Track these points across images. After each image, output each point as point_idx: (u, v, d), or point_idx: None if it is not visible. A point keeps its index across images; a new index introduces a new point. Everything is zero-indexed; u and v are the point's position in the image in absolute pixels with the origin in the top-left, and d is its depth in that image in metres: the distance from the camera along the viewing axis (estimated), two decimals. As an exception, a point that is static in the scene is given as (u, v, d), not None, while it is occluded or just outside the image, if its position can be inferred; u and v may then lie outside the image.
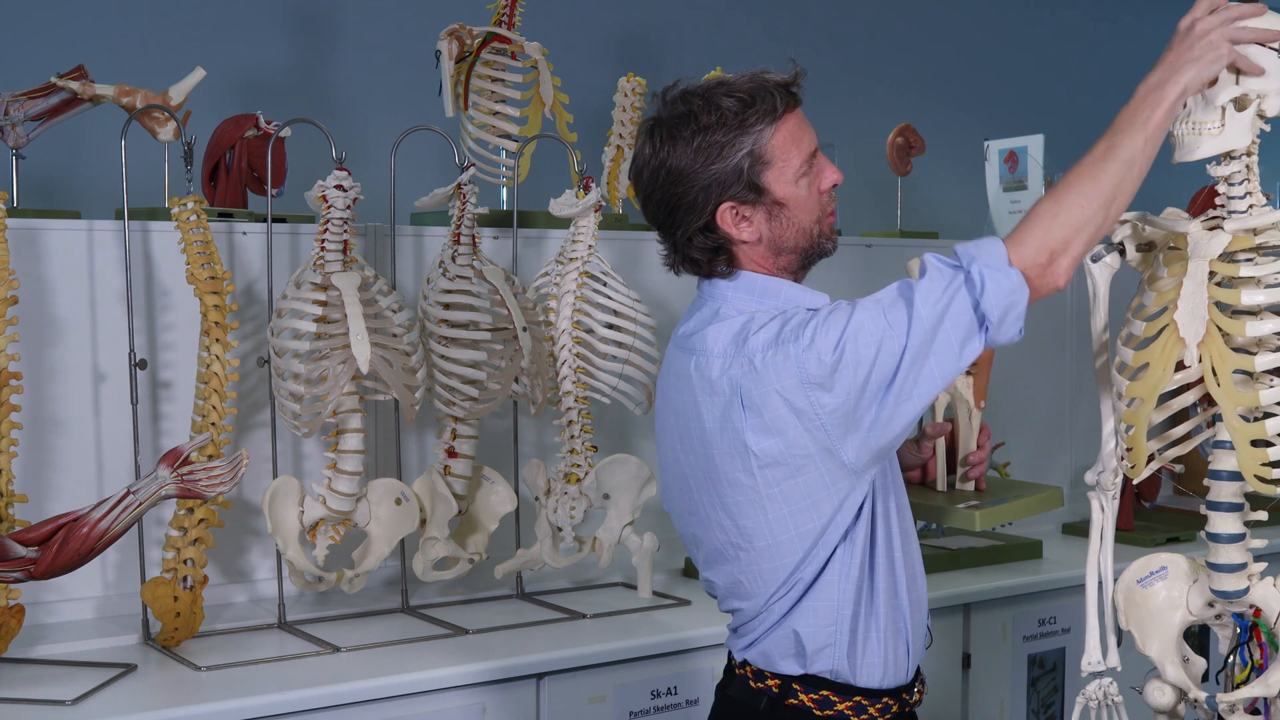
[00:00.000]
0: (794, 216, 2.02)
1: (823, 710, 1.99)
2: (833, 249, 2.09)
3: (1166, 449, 2.08)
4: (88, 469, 2.90)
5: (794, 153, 2.00)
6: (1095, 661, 2.18)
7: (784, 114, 1.99)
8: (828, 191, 2.05)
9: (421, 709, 2.60)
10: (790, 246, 2.04)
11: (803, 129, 2.03)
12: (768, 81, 1.99)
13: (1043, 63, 5.27)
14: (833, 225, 2.08)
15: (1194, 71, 1.87)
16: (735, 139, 1.96)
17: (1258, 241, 1.95)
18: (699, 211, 2.00)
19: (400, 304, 2.87)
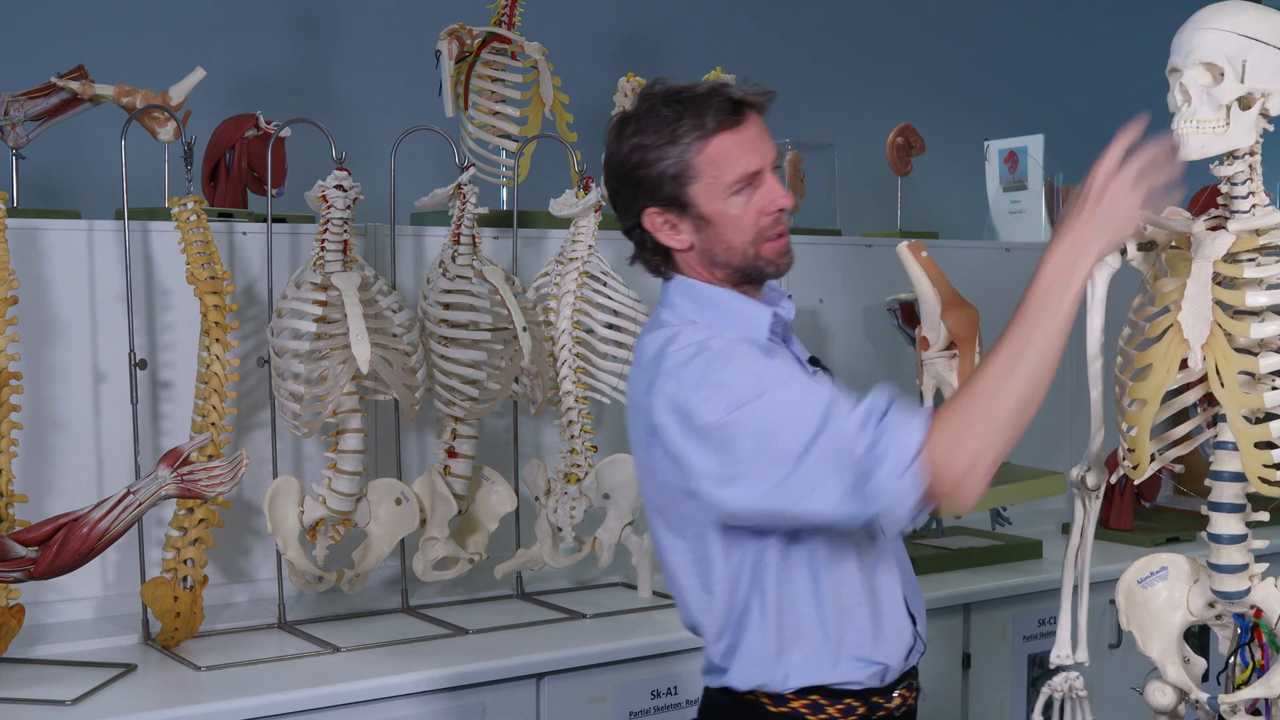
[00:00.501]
0: (722, 234, 1.95)
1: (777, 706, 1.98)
2: (776, 271, 1.99)
3: (1167, 449, 2.08)
4: (88, 469, 2.90)
5: (726, 170, 1.92)
6: (1064, 655, 2.20)
7: (718, 130, 1.92)
8: (772, 214, 1.95)
9: (421, 709, 2.60)
10: (722, 261, 1.98)
11: (744, 147, 1.93)
12: (717, 95, 1.93)
13: (1043, 63, 5.27)
14: (779, 249, 1.97)
15: (1104, 244, 1.76)
16: (663, 148, 1.93)
17: (1261, 242, 1.95)
18: (628, 211, 2.00)
19: (400, 304, 2.86)
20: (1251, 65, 1.90)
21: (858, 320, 3.88)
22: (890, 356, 3.87)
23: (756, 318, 1.99)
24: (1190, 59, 1.92)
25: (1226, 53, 1.90)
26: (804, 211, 3.99)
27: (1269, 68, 1.90)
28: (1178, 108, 1.94)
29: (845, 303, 3.85)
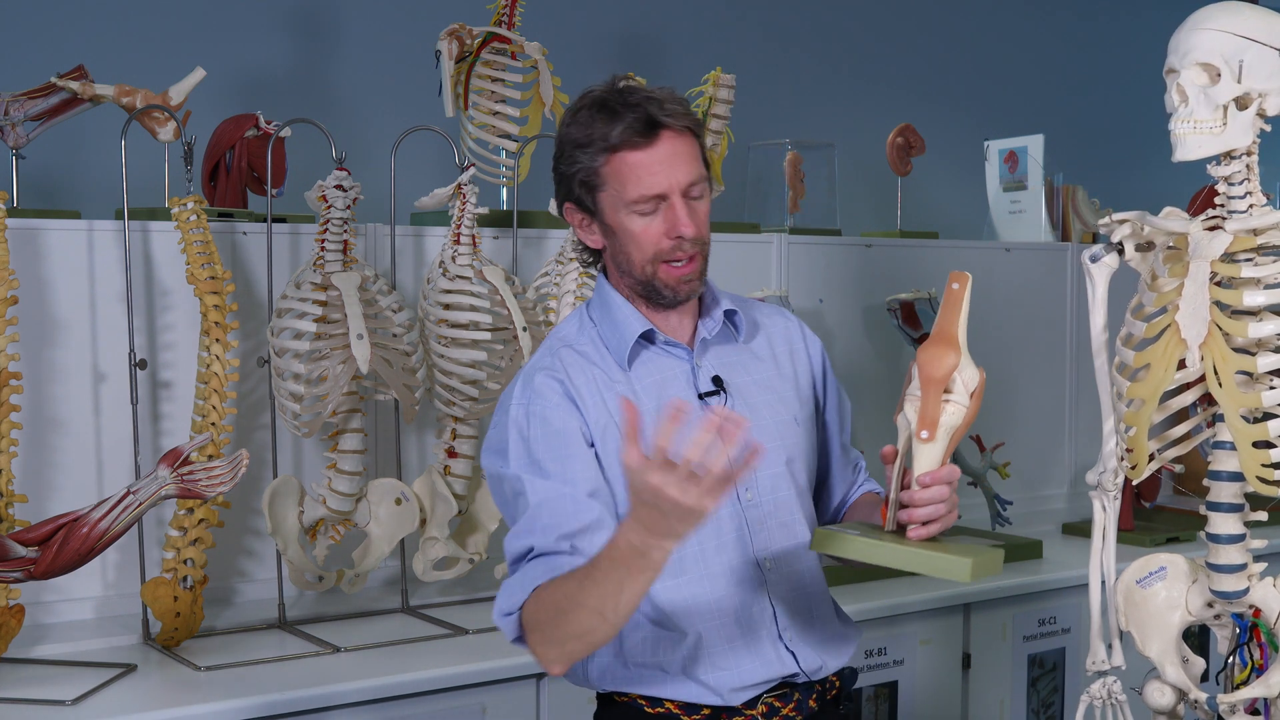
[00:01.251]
0: (623, 245, 1.97)
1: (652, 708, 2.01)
2: (673, 297, 1.97)
3: (1166, 449, 2.08)
4: (88, 469, 2.90)
5: (628, 187, 1.92)
6: (1100, 660, 2.18)
7: (622, 147, 1.91)
8: (672, 239, 1.94)
9: (421, 709, 2.60)
10: (625, 270, 1.99)
11: (649, 169, 1.92)
12: (638, 110, 1.92)
13: (1043, 63, 5.27)
14: (679, 275, 1.95)
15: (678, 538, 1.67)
16: (577, 150, 1.96)
17: (1259, 242, 1.95)
18: (556, 200, 2.03)
19: (400, 304, 2.87)
20: (1248, 65, 1.90)
21: (858, 320, 3.88)
22: (890, 356, 3.88)
23: (624, 335, 1.99)
24: (1187, 59, 1.92)
25: (1223, 53, 1.90)
26: (804, 211, 3.99)
27: (1266, 68, 1.90)
28: (1175, 108, 1.94)
29: (845, 303, 3.85)
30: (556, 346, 2.02)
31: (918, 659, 3.24)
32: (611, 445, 1.95)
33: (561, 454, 1.92)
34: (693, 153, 1.95)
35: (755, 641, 1.99)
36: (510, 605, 1.87)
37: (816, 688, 2.05)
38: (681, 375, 2.01)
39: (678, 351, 2.03)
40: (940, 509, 1.86)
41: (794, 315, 2.20)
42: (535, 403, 1.95)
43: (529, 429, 1.94)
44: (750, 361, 2.07)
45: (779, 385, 2.08)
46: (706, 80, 3.56)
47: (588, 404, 1.95)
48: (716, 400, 2.00)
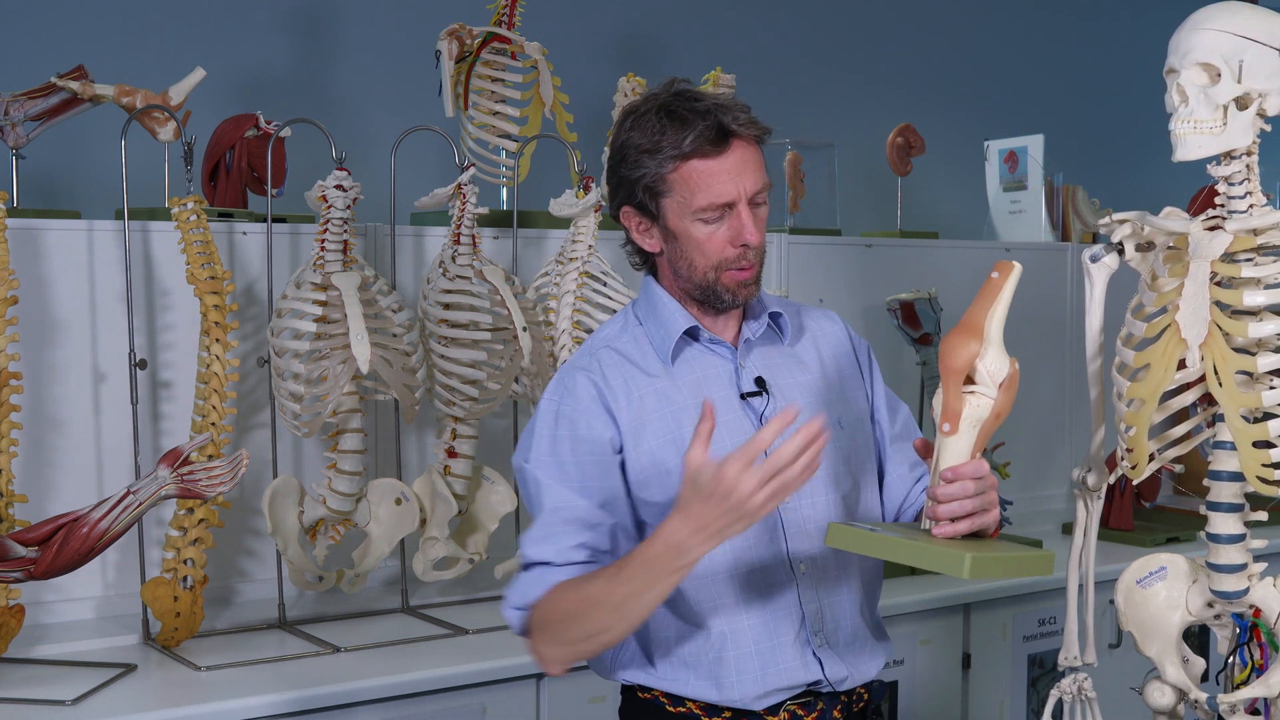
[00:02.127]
0: (686, 251, 1.97)
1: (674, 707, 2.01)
2: (734, 300, 1.99)
3: (1166, 449, 2.08)
4: (88, 469, 2.90)
5: (695, 195, 1.93)
6: (1073, 656, 2.19)
7: (694, 155, 1.92)
8: (737, 248, 1.95)
9: (421, 709, 2.60)
10: (684, 276, 2.00)
11: (719, 177, 1.92)
12: (709, 118, 1.92)
13: (1043, 63, 5.27)
14: (741, 280, 1.97)
15: (721, 540, 1.73)
16: (643, 156, 1.95)
17: (1259, 242, 1.95)
18: (612, 202, 2.04)
19: (400, 304, 2.87)
20: (1248, 65, 1.89)
21: (858, 320, 3.88)
22: (890, 356, 3.88)
23: (669, 330, 2.01)
24: (1187, 59, 1.92)
25: (1223, 53, 1.90)
26: (804, 211, 3.99)
27: (1266, 68, 1.90)
28: (1175, 108, 1.94)
29: (845, 303, 3.85)
30: (597, 347, 2.03)
31: (918, 659, 3.25)
32: (645, 445, 1.95)
33: (583, 459, 1.94)
34: (760, 161, 1.96)
35: (780, 645, 1.98)
36: (522, 601, 1.90)
37: (842, 698, 2.03)
38: (724, 374, 2.01)
39: (721, 350, 2.02)
40: (967, 505, 1.81)
41: (840, 319, 2.19)
42: (566, 402, 1.96)
43: (556, 429, 1.96)
44: (794, 364, 2.07)
45: (822, 389, 2.07)
46: (706, 80, 3.57)
47: (620, 405, 1.96)
48: (759, 401, 2.00)
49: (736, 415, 1.98)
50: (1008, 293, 1.82)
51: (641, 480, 1.95)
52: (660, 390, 1.97)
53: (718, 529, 1.70)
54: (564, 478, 1.93)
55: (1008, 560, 1.80)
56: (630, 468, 1.95)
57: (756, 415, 1.99)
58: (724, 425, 1.95)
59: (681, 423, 1.96)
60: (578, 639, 1.85)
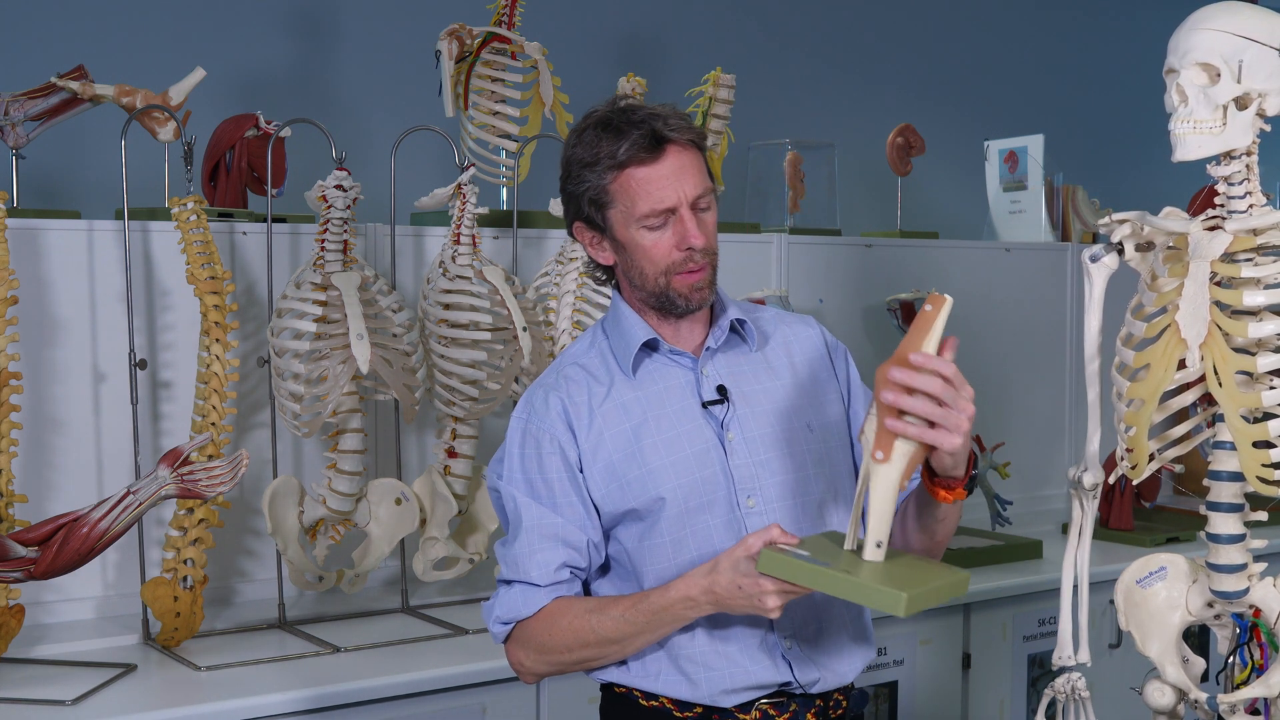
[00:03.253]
0: (635, 260, 1.99)
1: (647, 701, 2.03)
2: (687, 305, 2.00)
3: (1166, 449, 2.08)
4: (88, 469, 2.90)
5: (638, 203, 1.95)
6: (1066, 656, 2.19)
7: (630, 164, 1.94)
8: (683, 251, 1.96)
9: (421, 709, 2.60)
10: (637, 285, 2.02)
11: (657, 184, 1.94)
12: (643, 127, 1.94)
13: (1043, 63, 5.27)
14: (693, 283, 1.98)
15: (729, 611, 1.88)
16: (584, 170, 1.98)
17: (1259, 242, 1.95)
18: (565, 219, 2.06)
19: (400, 304, 2.87)
20: (1248, 65, 1.89)
21: (858, 320, 3.88)
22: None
23: (629, 343, 2.02)
24: (1187, 59, 1.92)
25: (1223, 53, 1.90)
26: (804, 211, 3.99)
27: (1265, 68, 1.90)
28: (1175, 108, 1.94)
29: (845, 303, 3.85)
30: (564, 364, 2.06)
31: (918, 659, 3.25)
32: (602, 457, 1.98)
33: (551, 477, 1.98)
34: (698, 165, 1.98)
35: (748, 646, 1.99)
36: (510, 616, 1.98)
37: (817, 702, 2.03)
38: (685, 384, 2.03)
39: (682, 360, 2.04)
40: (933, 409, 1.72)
41: (817, 323, 2.19)
42: (533, 421, 2.01)
43: (524, 447, 2.01)
44: (761, 370, 2.07)
45: (792, 393, 2.07)
46: (706, 80, 3.57)
47: (583, 422, 1.99)
48: (719, 409, 2.01)
49: (697, 424, 2.00)
50: (940, 325, 1.80)
51: (601, 494, 1.99)
52: (622, 404, 2.00)
53: (727, 606, 1.85)
54: (536, 495, 1.99)
55: (939, 590, 1.79)
56: (590, 481, 1.99)
57: (718, 423, 2.00)
58: (682, 434, 1.99)
59: (641, 435, 1.98)
60: (569, 662, 1.97)
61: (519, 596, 1.97)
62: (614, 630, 1.92)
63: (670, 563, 1.97)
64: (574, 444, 1.99)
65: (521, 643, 1.98)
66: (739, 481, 1.99)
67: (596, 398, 2.00)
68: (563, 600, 1.97)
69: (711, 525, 1.98)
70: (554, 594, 1.97)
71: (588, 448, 1.99)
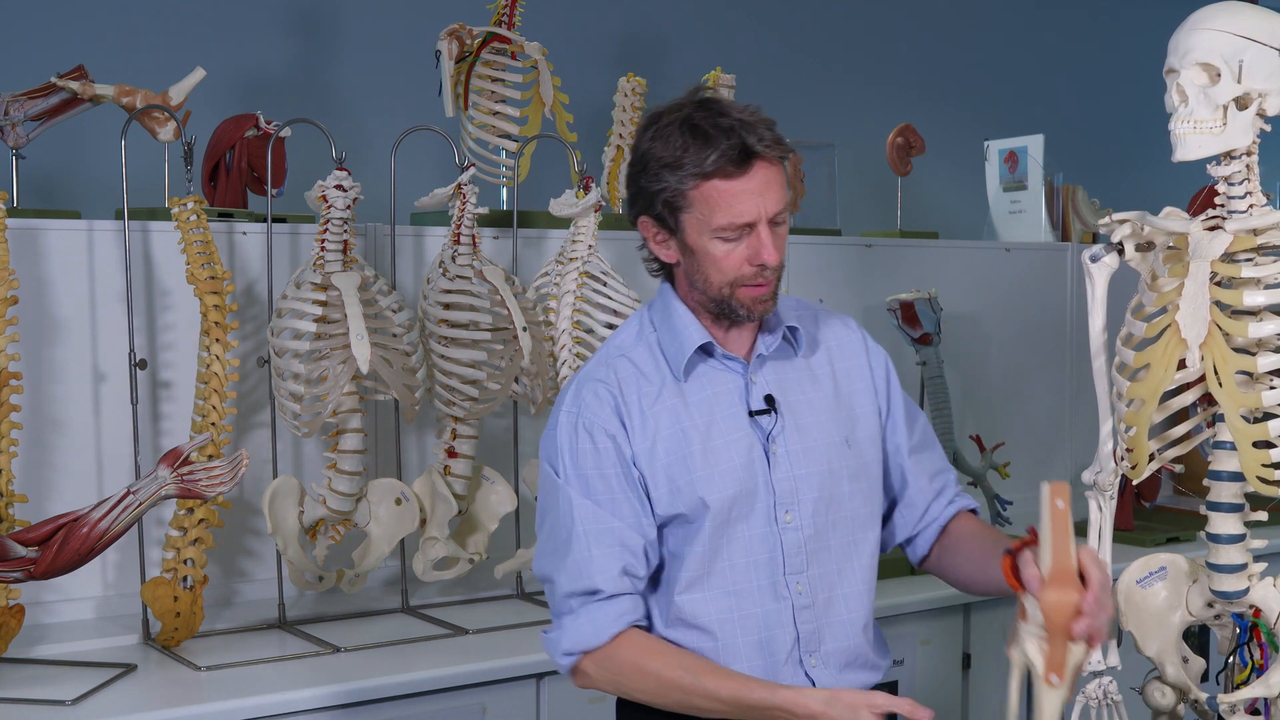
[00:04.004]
0: (702, 266, 1.95)
1: None
2: (749, 315, 1.97)
3: (1166, 449, 2.08)
4: (88, 469, 2.90)
5: (717, 215, 1.90)
6: (1096, 661, 2.18)
7: (716, 175, 1.89)
8: (754, 267, 1.93)
9: (421, 709, 2.60)
10: (700, 288, 1.98)
11: (740, 199, 1.89)
12: (733, 137, 1.88)
13: (1043, 63, 5.27)
14: (757, 296, 1.95)
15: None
16: (663, 170, 1.92)
17: (1259, 242, 1.95)
18: (630, 209, 2.01)
19: (400, 304, 2.87)
20: (1248, 65, 1.90)
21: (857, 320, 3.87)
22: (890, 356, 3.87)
23: (683, 346, 1.99)
24: (1187, 59, 1.92)
25: (1223, 53, 1.90)
26: (804, 211, 3.99)
27: (1265, 68, 1.90)
28: (1175, 108, 1.95)
29: (845, 303, 3.85)
30: (612, 355, 2.02)
31: (918, 659, 3.24)
32: (658, 461, 1.95)
33: (608, 474, 1.94)
34: (781, 181, 1.93)
35: (774, 663, 1.98)
36: (581, 646, 1.94)
37: None
38: (735, 391, 2.00)
39: (734, 366, 2.01)
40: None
41: (858, 326, 2.17)
42: (585, 415, 1.96)
43: (577, 441, 1.95)
44: (806, 379, 2.05)
45: (833, 405, 2.05)
46: (706, 80, 3.56)
47: (634, 420, 1.96)
48: (766, 420, 1.99)
49: (744, 433, 1.98)
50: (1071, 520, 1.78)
51: (656, 495, 1.95)
52: (671, 408, 1.97)
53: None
54: (592, 493, 1.93)
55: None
56: (649, 481, 1.95)
57: (764, 434, 1.98)
58: (730, 443, 1.96)
59: (689, 440, 1.95)
60: (640, 694, 1.95)
61: (588, 620, 1.92)
62: (706, 693, 1.88)
63: (701, 569, 1.95)
64: (628, 440, 1.95)
65: (599, 666, 1.95)
66: (780, 495, 1.97)
67: (647, 397, 1.97)
68: (646, 638, 1.94)
69: (749, 536, 1.96)
70: (622, 615, 1.92)
71: (642, 448, 1.95)
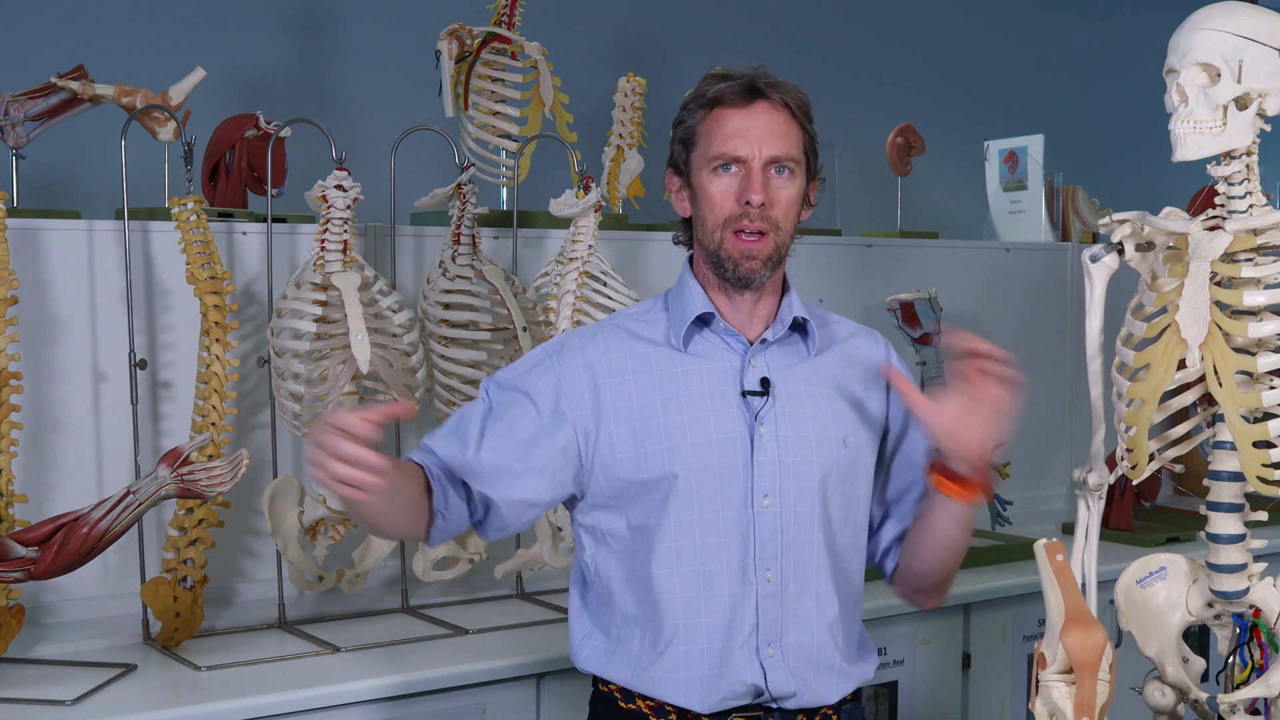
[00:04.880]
0: (701, 208, 2.01)
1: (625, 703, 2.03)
2: (735, 270, 1.98)
3: (1166, 449, 2.08)
4: (88, 469, 2.90)
5: (714, 143, 1.97)
6: None
7: (719, 104, 1.98)
8: (741, 205, 1.96)
9: (421, 709, 2.60)
10: (701, 239, 2.02)
11: (737, 130, 1.97)
12: (744, 78, 2.00)
13: (1043, 63, 5.27)
14: (744, 250, 1.97)
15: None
16: (682, 111, 2.03)
17: (1259, 242, 1.95)
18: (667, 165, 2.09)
19: (400, 304, 2.87)
20: (1248, 65, 1.90)
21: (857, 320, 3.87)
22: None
23: (685, 315, 2.02)
24: (1187, 59, 1.92)
25: (1223, 53, 1.90)
26: (804, 211, 3.98)
27: (1265, 68, 1.90)
28: (1175, 108, 1.95)
29: (845, 303, 3.84)
30: (610, 322, 2.08)
31: (918, 659, 3.25)
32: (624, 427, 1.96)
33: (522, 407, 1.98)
34: (787, 131, 2.00)
35: (729, 648, 1.97)
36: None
37: (800, 717, 2.01)
38: (730, 367, 2.01)
39: (734, 342, 2.02)
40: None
41: (884, 340, 2.19)
42: (555, 359, 2.02)
43: (533, 371, 2.01)
44: (812, 374, 2.05)
45: (835, 402, 2.05)
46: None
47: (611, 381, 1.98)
48: (758, 401, 1.99)
49: (730, 411, 1.97)
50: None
51: (618, 458, 1.97)
52: (659, 375, 1.98)
53: None
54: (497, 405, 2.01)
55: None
56: (607, 444, 1.97)
57: (752, 414, 1.98)
58: (713, 418, 1.96)
59: (670, 409, 1.97)
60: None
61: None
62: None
63: (672, 545, 1.95)
64: (585, 404, 1.97)
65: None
66: (758, 478, 1.96)
67: (636, 362, 1.99)
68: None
69: (721, 518, 1.95)
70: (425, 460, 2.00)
71: (612, 409, 1.96)
